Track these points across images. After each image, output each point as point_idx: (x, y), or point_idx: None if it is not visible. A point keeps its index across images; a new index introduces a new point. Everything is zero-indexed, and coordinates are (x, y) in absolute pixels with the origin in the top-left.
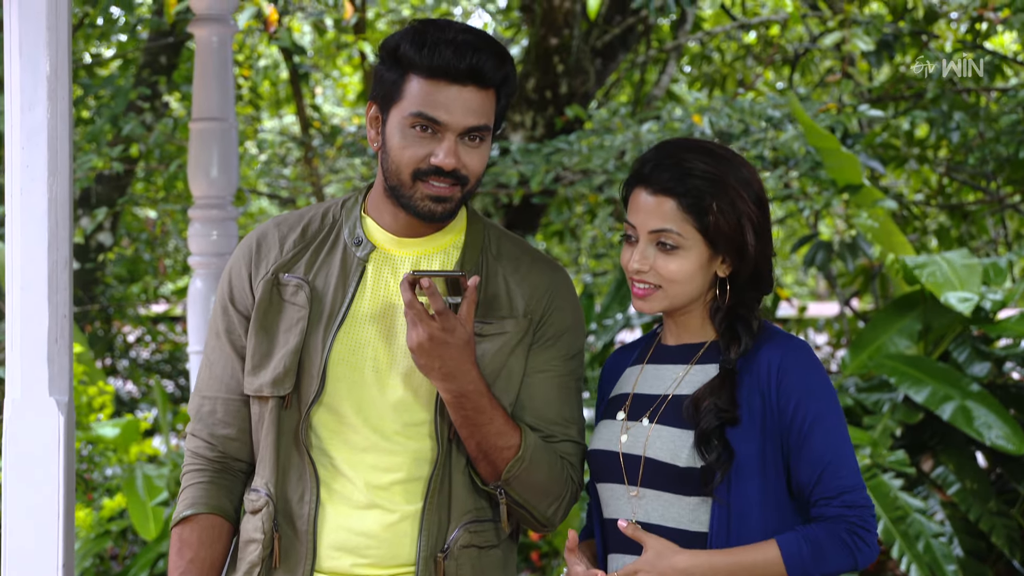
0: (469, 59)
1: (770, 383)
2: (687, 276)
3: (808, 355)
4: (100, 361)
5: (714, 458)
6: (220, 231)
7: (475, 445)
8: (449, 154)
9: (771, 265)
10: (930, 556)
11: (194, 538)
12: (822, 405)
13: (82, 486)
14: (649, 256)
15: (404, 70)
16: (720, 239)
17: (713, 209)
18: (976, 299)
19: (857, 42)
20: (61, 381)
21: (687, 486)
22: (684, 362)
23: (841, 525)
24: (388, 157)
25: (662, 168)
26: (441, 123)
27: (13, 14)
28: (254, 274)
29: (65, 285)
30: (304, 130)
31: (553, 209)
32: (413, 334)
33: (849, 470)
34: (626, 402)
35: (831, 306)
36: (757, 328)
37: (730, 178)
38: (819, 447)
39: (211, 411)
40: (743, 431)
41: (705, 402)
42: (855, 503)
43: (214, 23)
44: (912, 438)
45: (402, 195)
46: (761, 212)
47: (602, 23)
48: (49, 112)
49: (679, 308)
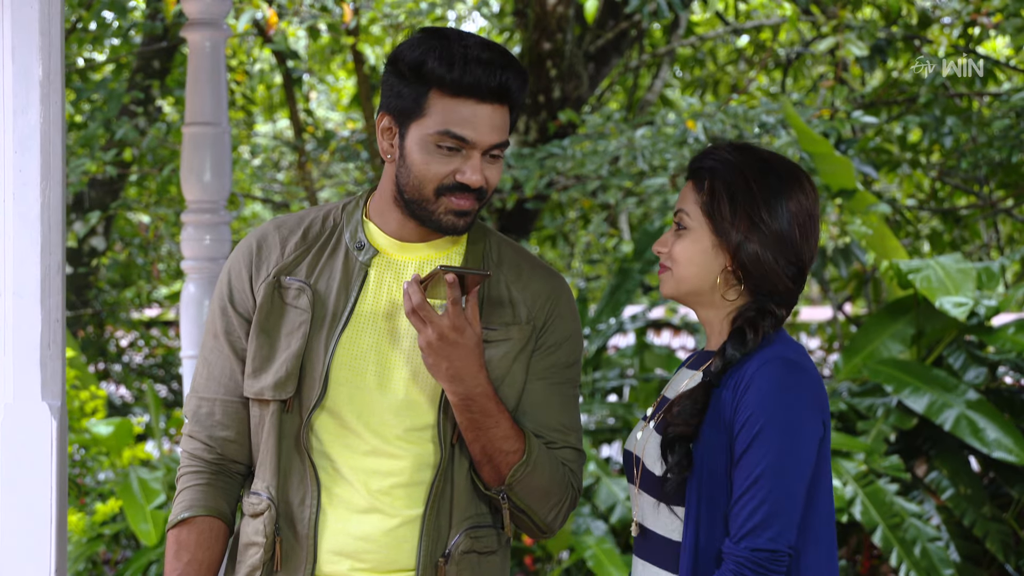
0: (499, 77)
1: (736, 395)
2: (688, 257)
3: (786, 375)
4: (93, 366)
5: (671, 465)
6: (213, 235)
7: (480, 449)
8: (476, 171)
9: (794, 279)
10: (927, 561)
11: (191, 540)
12: (773, 425)
13: (75, 490)
14: (669, 239)
15: (427, 85)
16: (721, 224)
17: (709, 188)
18: (971, 304)
19: (851, 47)
20: (54, 385)
21: (662, 492)
22: (699, 368)
23: (730, 566)
24: (409, 172)
25: (704, 155)
26: (469, 141)
27: (5, 18)
28: (255, 276)
29: (58, 289)
30: (298, 135)
31: (547, 214)
32: (422, 335)
33: (773, 503)
34: (655, 403)
35: (824, 310)
36: (753, 342)
37: (748, 169)
38: (753, 465)
39: (209, 412)
40: (712, 443)
41: (675, 408)
42: (758, 544)
43: (207, 27)
44: (906, 443)
45: (423, 209)
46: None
47: (595, 28)
48: (42, 116)
49: (691, 299)
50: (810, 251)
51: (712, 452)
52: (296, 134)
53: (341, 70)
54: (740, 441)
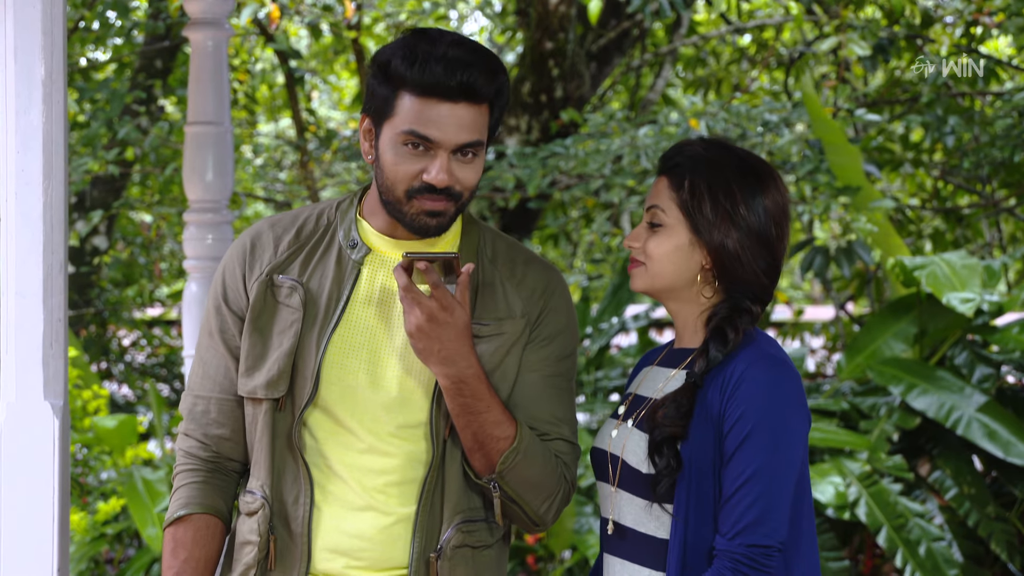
0: (460, 76)
1: (724, 394)
2: (664, 254)
3: (775, 375)
4: (95, 365)
5: (662, 466)
6: (215, 235)
7: (471, 435)
8: (441, 171)
9: (768, 275)
10: (931, 561)
11: (188, 538)
12: (765, 425)
13: (77, 490)
14: (641, 234)
15: (395, 86)
16: (701, 222)
17: (687, 186)
18: (977, 299)
19: (853, 47)
20: (56, 385)
21: (650, 491)
22: (675, 367)
23: (726, 564)
24: (382, 172)
25: (677, 151)
26: (433, 140)
27: (8, 18)
28: (248, 274)
29: (60, 289)
30: (300, 134)
31: (549, 213)
32: (411, 317)
33: (765, 501)
34: (626, 401)
35: (826, 310)
36: (735, 341)
37: (726, 166)
38: (745, 463)
39: (204, 411)
40: (701, 441)
41: (661, 411)
42: (752, 540)
43: (209, 27)
44: (909, 442)
45: (397, 211)
46: (754, 215)
47: (597, 27)
48: (44, 116)
49: (665, 295)
50: (783, 248)
51: (700, 449)
52: (298, 133)
53: (344, 70)
54: (731, 439)
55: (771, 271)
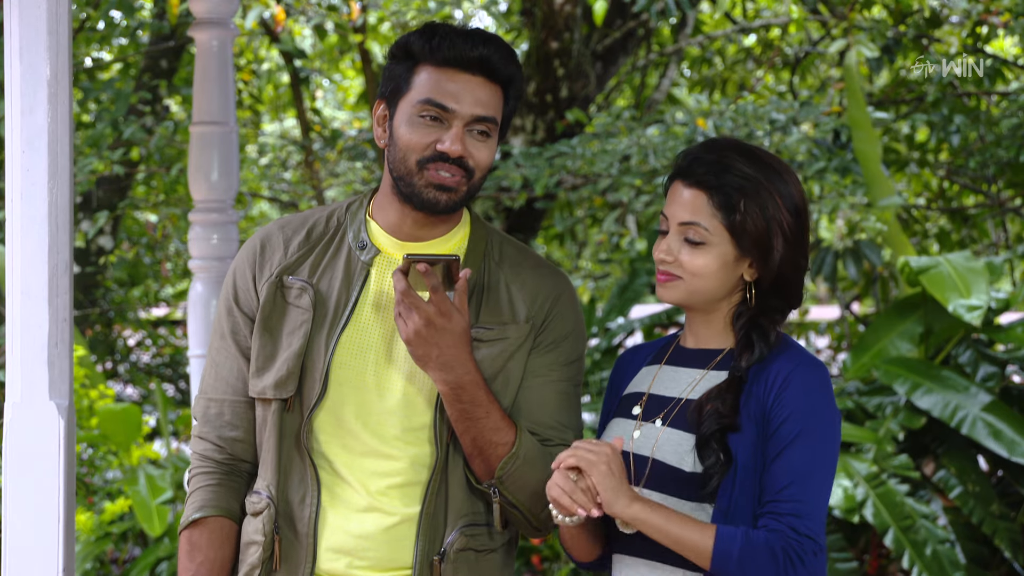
0: (480, 49)
1: (771, 392)
2: (709, 272)
3: (820, 378)
4: (101, 365)
5: (711, 463)
6: (221, 235)
7: (470, 440)
8: (456, 140)
9: (801, 277)
10: (937, 562)
11: (204, 540)
12: (814, 426)
13: (82, 489)
14: (675, 248)
15: (414, 62)
16: (747, 240)
17: (742, 208)
18: (983, 307)
19: (862, 49)
20: (61, 385)
21: (690, 491)
22: (702, 367)
23: (779, 541)
24: (395, 147)
25: (702, 163)
26: (449, 110)
27: (13, 18)
28: (258, 276)
29: (65, 289)
30: (305, 134)
31: (555, 213)
32: (409, 323)
33: (813, 499)
34: (641, 400)
35: (832, 309)
36: (775, 340)
37: (767, 181)
38: (796, 461)
39: (218, 413)
40: (742, 439)
41: (708, 407)
42: (801, 529)
43: (215, 27)
44: (913, 441)
45: (407, 184)
46: (796, 222)
47: (602, 27)
48: (49, 116)
49: (699, 306)
50: (808, 248)
51: (744, 445)
52: (303, 133)
53: (349, 70)
54: (779, 438)
55: (803, 272)
